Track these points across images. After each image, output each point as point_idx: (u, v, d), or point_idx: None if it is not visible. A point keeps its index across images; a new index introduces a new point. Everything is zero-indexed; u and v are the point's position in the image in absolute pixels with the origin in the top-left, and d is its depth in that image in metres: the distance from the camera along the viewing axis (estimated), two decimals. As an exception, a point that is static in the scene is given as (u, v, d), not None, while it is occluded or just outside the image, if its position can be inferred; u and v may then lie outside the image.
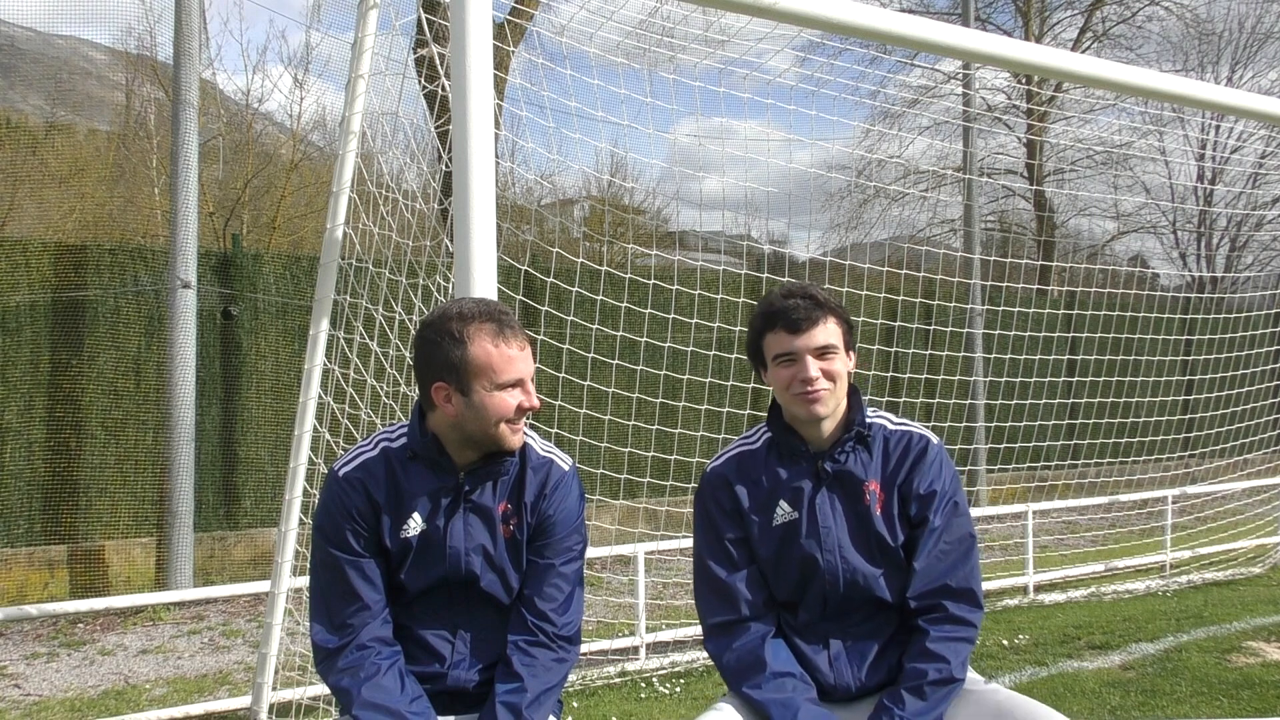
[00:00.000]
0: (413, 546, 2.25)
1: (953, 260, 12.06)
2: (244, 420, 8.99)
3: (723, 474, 2.44)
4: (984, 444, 10.45)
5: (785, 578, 2.36)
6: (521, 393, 2.23)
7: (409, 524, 2.25)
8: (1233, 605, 7.16)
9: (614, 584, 7.53)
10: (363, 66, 4.37)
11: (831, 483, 2.37)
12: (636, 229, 17.35)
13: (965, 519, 2.38)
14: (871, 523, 2.33)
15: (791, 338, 2.32)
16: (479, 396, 2.19)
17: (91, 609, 6.84)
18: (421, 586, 2.28)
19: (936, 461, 2.38)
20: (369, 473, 2.27)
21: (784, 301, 2.34)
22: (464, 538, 2.26)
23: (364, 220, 4.51)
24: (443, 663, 2.27)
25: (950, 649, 2.25)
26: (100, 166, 14.84)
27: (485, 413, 2.20)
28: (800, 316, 2.31)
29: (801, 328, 2.31)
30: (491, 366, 2.19)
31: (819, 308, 2.33)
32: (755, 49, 5.23)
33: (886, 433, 2.41)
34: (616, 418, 6.16)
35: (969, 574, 2.33)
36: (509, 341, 2.21)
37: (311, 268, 8.76)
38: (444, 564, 2.25)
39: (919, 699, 2.19)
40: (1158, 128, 15.94)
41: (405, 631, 2.29)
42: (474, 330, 2.19)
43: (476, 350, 2.18)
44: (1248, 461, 10.34)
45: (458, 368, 2.19)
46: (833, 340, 2.33)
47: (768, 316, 2.37)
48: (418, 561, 2.26)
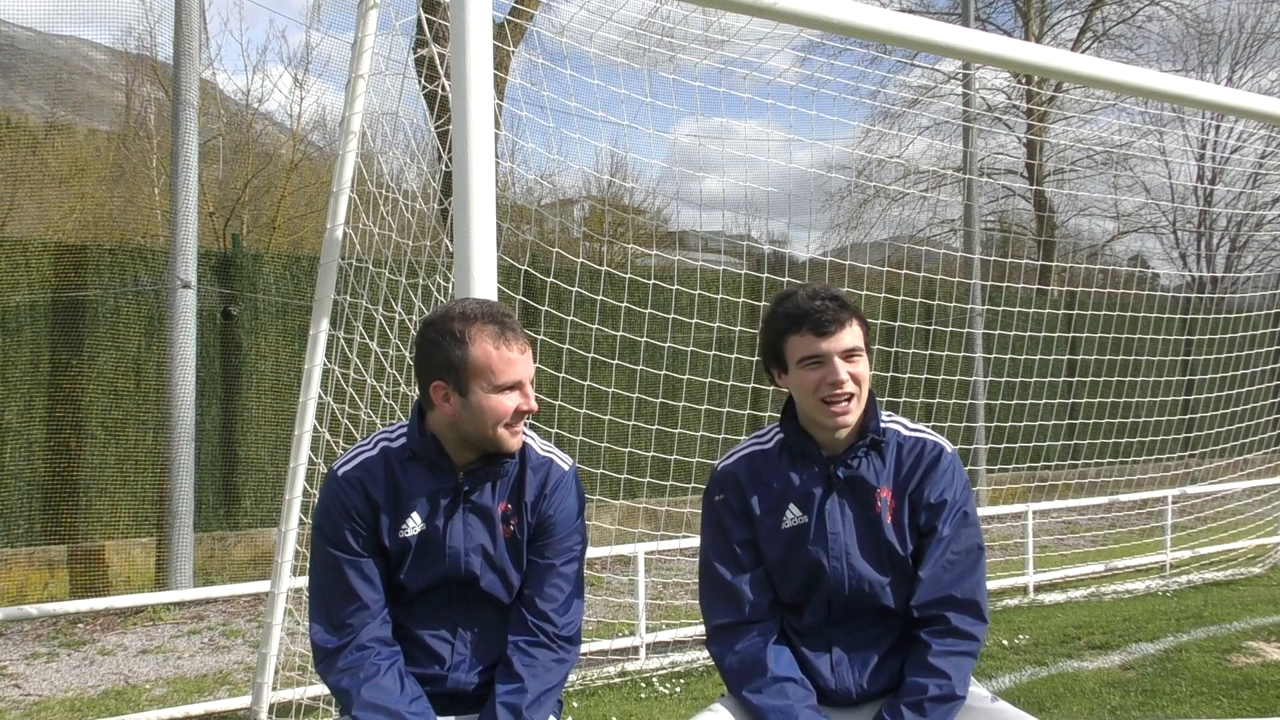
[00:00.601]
0: (412, 546, 2.24)
1: (953, 260, 12.06)
2: (244, 420, 8.99)
3: (733, 474, 2.41)
4: (984, 444, 10.45)
5: (791, 581, 2.34)
6: (520, 395, 2.22)
7: (408, 524, 2.25)
8: (1233, 605, 7.16)
9: (614, 584, 7.53)
10: (363, 66, 4.37)
11: (843, 488, 2.34)
12: (636, 229, 17.35)
13: (974, 530, 2.35)
14: (882, 530, 2.31)
15: (819, 340, 2.27)
16: (477, 398, 2.19)
17: (91, 609, 6.84)
18: (421, 587, 2.27)
19: (949, 470, 2.35)
20: (368, 472, 2.26)
21: (810, 303, 2.29)
22: (463, 538, 2.26)
23: (364, 220, 4.51)
24: (442, 664, 2.26)
25: (952, 664, 2.22)
26: (100, 166, 14.84)
27: (482, 414, 2.19)
28: (829, 319, 2.27)
29: (830, 330, 2.27)
30: (491, 368, 2.18)
31: (844, 309, 2.30)
32: (755, 49, 5.23)
33: (900, 439, 2.38)
34: (616, 418, 6.16)
35: (974, 586, 2.31)
36: (510, 344, 2.20)
37: (311, 268, 8.76)
38: (443, 564, 2.25)
39: (919, 714, 2.17)
40: (1158, 128, 15.96)
41: (405, 632, 2.29)
42: (475, 331, 2.19)
43: (477, 351, 2.18)
44: (1248, 461, 10.34)
45: (457, 368, 2.19)
46: (858, 342, 2.30)
47: (793, 318, 2.31)
48: (417, 561, 2.25)
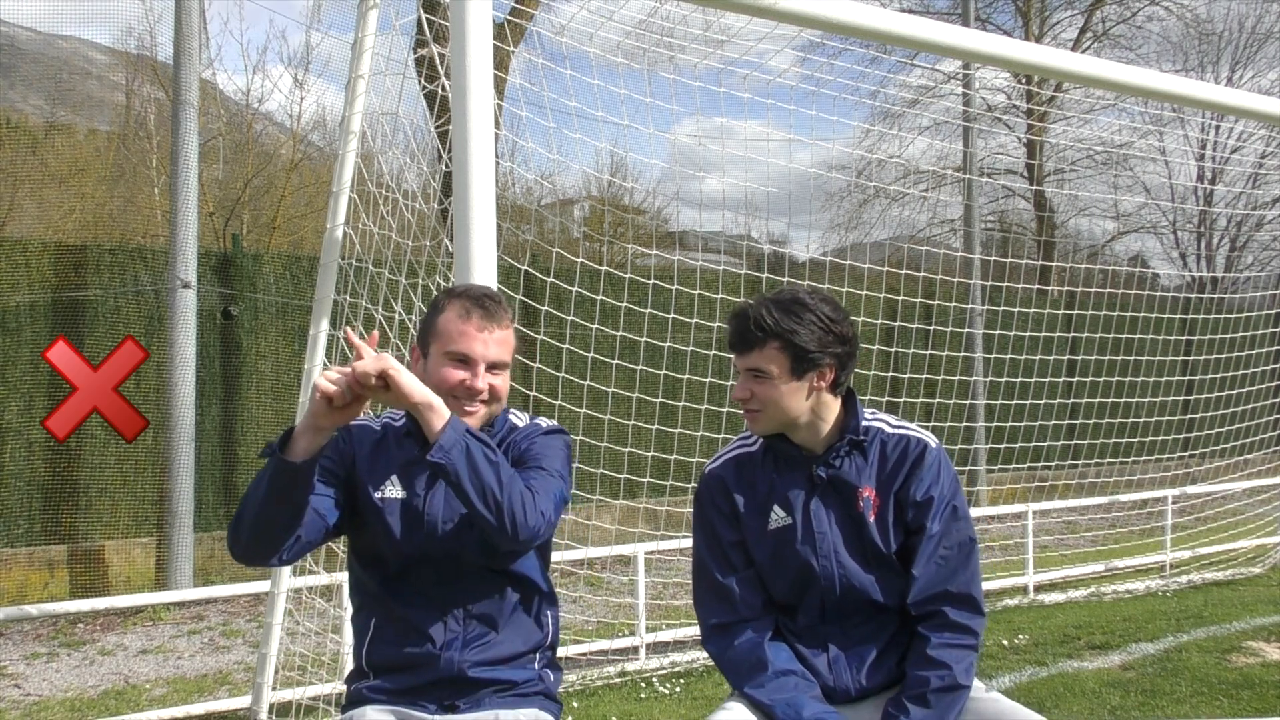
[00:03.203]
0: (396, 512, 2.26)
1: (953, 260, 12.06)
2: (244, 420, 8.99)
3: (720, 476, 2.44)
4: (984, 444, 10.44)
5: (782, 581, 2.36)
6: (468, 371, 2.22)
7: (387, 485, 2.28)
8: (1233, 605, 7.16)
9: (614, 584, 7.53)
10: (363, 66, 4.38)
11: (825, 488, 2.36)
12: (636, 229, 17.35)
13: (965, 524, 2.35)
14: (865, 528, 2.32)
15: (734, 355, 2.37)
16: (432, 362, 2.26)
17: (92, 609, 6.84)
18: (403, 558, 2.26)
19: (934, 466, 2.35)
20: (360, 432, 2.35)
21: (730, 319, 2.37)
22: (443, 508, 2.27)
23: (364, 220, 4.51)
24: (434, 644, 2.24)
25: (952, 655, 2.23)
26: (100, 166, 14.83)
27: (430, 378, 2.21)
28: (736, 339, 2.35)
29: (738, 349, 2.35)
30: (448, 334, 2.24)
31: (758, 330, 2.29)
32: (755, 49, 5.23)
33: (884, 437, 2.38)
34: (616, 418, 6.15)
35: (969, 580, 2.31)
36: (473, 319, 2.24)
37: (311, 268, 8.75)
38: (423, 531, 2.25)
39: (924, 707, 2.18)
40: (1158, 128, 15.93)
41: (393, 613, 2.27)
42: (450, 302, 2.28)
43: (443, 319, 2.26)
44: (1248, 461, 10.33)
45: (427, 331, 2.29)
46: (767, 365, 2.29)
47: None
48: (401, 530, 2.25)
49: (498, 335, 2.26)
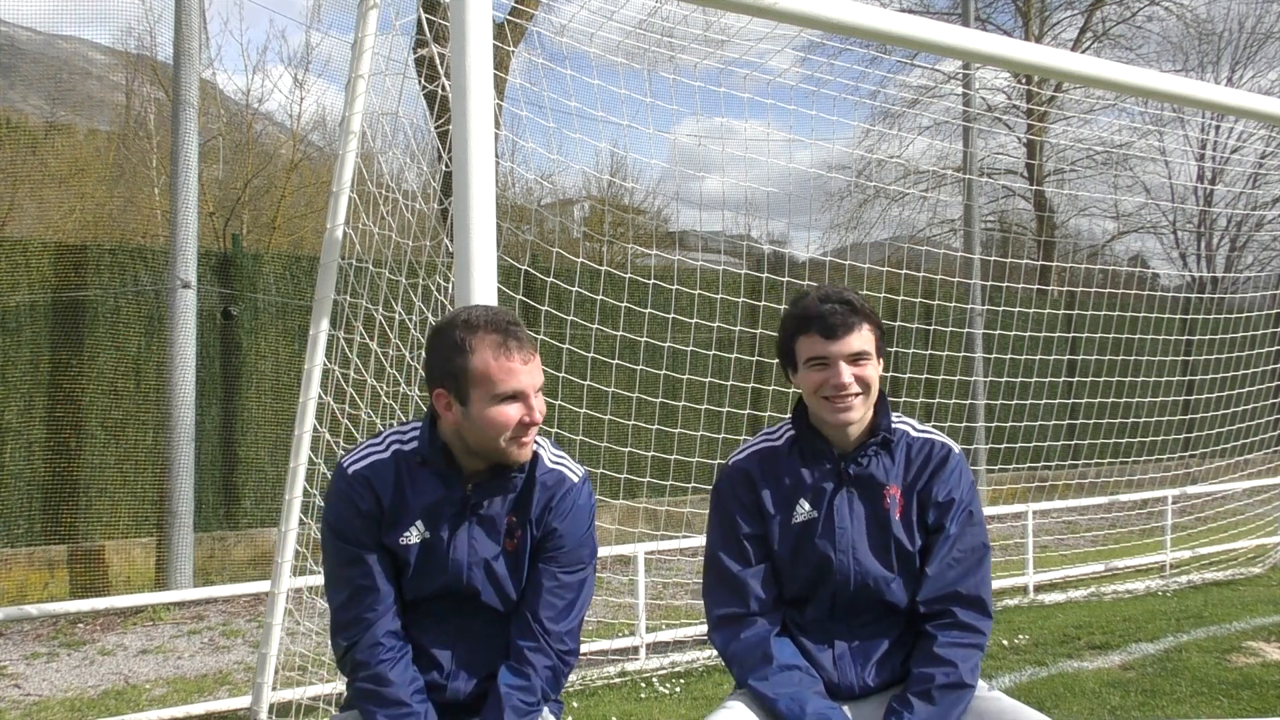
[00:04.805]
0: (413, 555, 2.23)
1: (953, 260, 12.06)
2: (244, 420, 8.99)
3: (745, 469, 2.44)
4: (984, 444, 10.45)
5: (798, 575, 2.37)
6: (523, 407, 2.16)
7: (409, 533, 2.23)
8: (1233, 605, 7.16)
9: (614, 584, 7.53)
10: (363, 66, 4.37)
11: (853, 485, 2.38)
12: (636, 229, 17.35)
13: (980, 529, 2.39)
14: (890, 527, 2.35)
15: (826, 343, 2.32)
16: (476, 408, 2.15)
17: (92, 609, 6.84)
18: (422, 595, 2.27)
19: (956, 470, 2.40)
20: (377, 474, 2.25)
21: (820, 306, 2.34)
22: (467, 550, 2.24)
23: (364, 220, 4.51)
24: (441, 671, 2.26)
25: (958, 654, 2.25)
26: (100, 166, 14.85)
27: (483, 425, 2.15)
28: (836, 322, 2.32)
29: (837, 333, 2.32)
30: (490, 377, 2.13)
31: (855, 313, 2.34)
32: (755, 49, 5.22)
33: (910, 439, 2.43)
34: (616, 418, 6.15)
35: (979, 583, 2.34)
36: (512, 354, 2.15)
37: (311, 268, 8.75)
38: (445, 574, 2.24)
39: (928, 703, 2.19)
40: (1158, 128, 15.95)
41: (406, 638, 2.29)
42: (477, 340, 2.15)
43: (476, 361, 2.14)
44: (1248, 461, 10.33)
45: (457, 376, 2.16)
46: (866, 346, 2.34)
47: (802, 320, 2.37)
48: (419, 571, 2.24)
49: (531, 358, 2.20)
